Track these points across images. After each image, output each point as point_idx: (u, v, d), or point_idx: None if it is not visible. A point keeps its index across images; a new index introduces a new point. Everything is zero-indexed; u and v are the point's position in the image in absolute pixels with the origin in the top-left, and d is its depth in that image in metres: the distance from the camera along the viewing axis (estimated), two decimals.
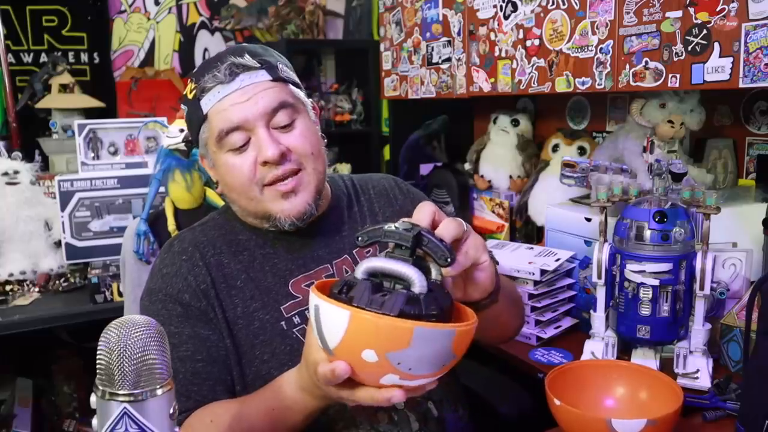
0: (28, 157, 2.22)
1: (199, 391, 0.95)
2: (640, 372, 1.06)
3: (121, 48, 3.15)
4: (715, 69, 1.29)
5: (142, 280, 1.21)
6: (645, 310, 1.18)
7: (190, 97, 1.02)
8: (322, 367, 0.72)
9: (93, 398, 0.59)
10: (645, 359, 1.20)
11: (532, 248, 1.66)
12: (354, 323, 0.67)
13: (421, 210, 0.80)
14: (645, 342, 1.20)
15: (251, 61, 0.99)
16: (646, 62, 1.43)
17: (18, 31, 2.92)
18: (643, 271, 1.16)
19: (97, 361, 0.59)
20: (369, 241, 0.74)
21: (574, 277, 1.59)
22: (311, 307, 0.72)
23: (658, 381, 1.03)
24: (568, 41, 1.62)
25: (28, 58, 2.95)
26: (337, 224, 1.11)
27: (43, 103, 2.71)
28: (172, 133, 1.62)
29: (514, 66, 1.82)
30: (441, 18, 2.13)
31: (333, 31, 3.40)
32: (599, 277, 1.23)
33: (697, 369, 1.17)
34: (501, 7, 1.84)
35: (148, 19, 3.17)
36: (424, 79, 2.26)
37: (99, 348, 0.59)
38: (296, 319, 1.02)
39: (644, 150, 1.65)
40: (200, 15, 3.27)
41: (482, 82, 1.97)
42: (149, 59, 3.19)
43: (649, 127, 1.65)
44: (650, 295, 1.16)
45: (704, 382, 1.16)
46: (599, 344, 1.26)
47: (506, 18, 1.83)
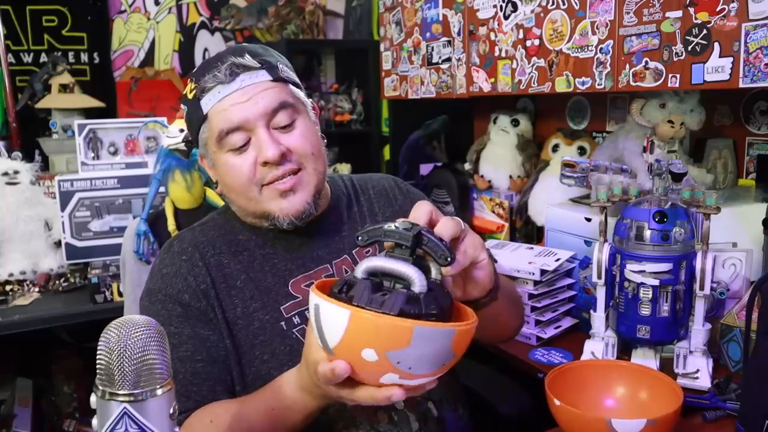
0: (28, 157, 2.22)
1: (199, 391, 0.96)
2: (640, 372, 1.06)
3: (121, 48, 3.15)
4: (715, 69, 1.29)
5: (142, 280, 1.21)
6: (645, 310, 1.18)
7: (190, 96, 1.02)
8: (322, 367, 0.72)
9: (93, 398, 0.59)
10: (645, 359, 1.20)
11: (532, 248, 1.66)
12: (354, 322, 0.67)
13: (418, 209, 0.80)
14: (645, 342, 1.20)
15: (252, 61, 0.99)
16: (646, 62, 1.43)
17: (18, 31, 2.92)
18: (643, 271, 1.16)
19: (97, 361, 0.59)
20: (369, 240, 0.75)
21: (574, 277, 1.59)
22: (311, 306, 0.72)
23: (658, 381, 1.03)
24: (568, 41, 1.62)
25: (28, 58, 2.95)
26: (337, 224, 1.11)
27: (43, 103, 2.71)
28: (172, 133, 1.62)
29: (514, 66, 1.82)
30: (441, 18, 2.13)
31: (333, 31, 3.40)
32: (599, 277, 1.23)
33: (697, 369, 1.18)
34: (501, 7, 1.84)
35: (148, 19, 3.17)
36: (424, 79, 2.26)
37: (99, 348, 0.59)
38: (296, 320, 1.02)
39: (644, 150, 1.65)
40: (200, 15, 3.27)
41: (482, 82, 1.97)
42: (149, 59, 3.19)
43: (649, 127, 1.65)
44: (650, 295, 1.16)
45: (704, 382, 1.16)
46: (599, 344, 1.26)
47: (506, 18, 1.83)
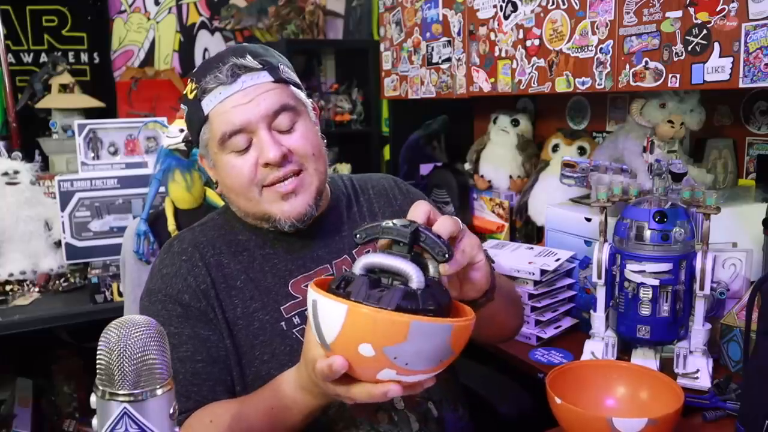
0: (28, 157, 2.22)
1: (199, 391, 0.95)
2: (640, 372, 1.06)
3: (121, 48, 3.15)
4: (715, 69, 1.29)
5: (142, 280, 1.21)
6: (645, 310, 1.18)
7: (190, 97, 1.01)
8: (320, 363, 0.72)
9: (93, 398, 0.59)
10: (645, 359, 1.20)
11: (532, 248, 1.66)
12: (351, 317, 0.67)
13: (416, 208, 0.80)
14: (645, 342, 1.20)
15: (253, 62, 0.98)
16: (646, 62, 1.43)
17: (18, 31, 2.92)
18: (643, 271, 1.16)
19: (97, 361, 0.59)
20: (367, 238, 0.75)
21: (574, 277, 1.59)
22: (309, 302, 0.72)
23: (658, 381, 1.03)
24: (568, 41, 1.62)
25: (28, 58, 2.95)
26: (337, 224, 1.11)
27: (43, 103, 2.71)
28: (172, 133, 1.62)
29: (514, 66, 1.82)
30: (441, 18, 2.13)
31: (333, 31, 3.40)
32: (599, 277, 1.23)
33: (697, 369, 1.17)
34: (501, 7, 1.84)
35: (148, 19, 3.17)
36: (424, 79, 2.26)
37: (99, 348, 0.59)
38: (296, 320, 1.02)
39: (644, 150, 1.65)
40: (200, 15, 3.27)
41: (482, 82, 1.97)
42: (149, 59, 3.19)
43: (649, 127, 1.65)
44: (650, 295, 1.16)
45: (704, 382, 1.16)
46: (599, 344, 1.26)
47: (506, 18, 1.83)
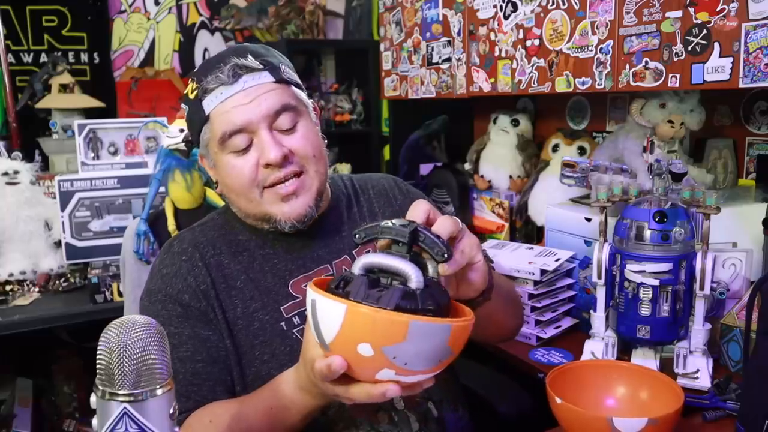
0: (28, 157, 2.22)
1: (199, 391, 0.95)
2: (640, 372, 1.06)
3: (121, 48, 3.15)
4: (715, 69, 1.29)
5: (142, 280, 1.21)
6: (645, 310, 1.17)
7: (191, 97, 1.01)
8: (318, 363, 0.72)
9: (93, 398, 0.59)
10: (645, 359, 1.20)
11: (532, 248, 1.66)
12: (350, 316, 0.67)
13: (415, 207, 0.80)
14: (645, 342, 1.20)
15: (254, 63, 0.98)
16: (646, 62, 1.43)
17: (18, 31, 2.92)
18: (643, 271, 1.16)
19: (97, 361, 0.59)
20: (366, 238, 0.75)
21: (574, 277, 1.59)
22: (308, 302, 0.72)
23: (658, 381, 1.03)
24: (568, 41, 1.62)
25: (28, 58, 2.95)
26: (337, 224, 1.11)
27: (43, 103, 2.71)
28: (172, 133, 1.61)
29: (514, 66, 1.82)
30: (441, 18, 2.13)
31: (333, 31, 3.40)
32: (599, 277, 1.23)
33: (697, 369, 1.17)
34: (501, 7, 1.84)
35: (148, 19, 3.17)
36: (424, 79, 2.26)
37: (99, 348, 0.59)
38: (296, 320, 1.02)
39: (644, 150, 1.65)
40: (200, 15, 3.27)
41: (482, 82, 1.97)
42: (149, 59, 3.19)
43: (649, 127, 1.65)
44: (650, 295, 1.16)
45: (704, 382, 1.16)
46: (599, 344, 1.26)
47: (506, 18, 1.83)
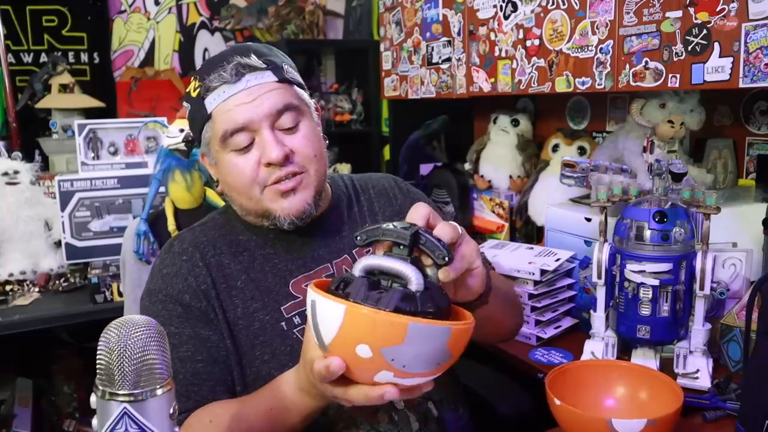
0: (28, 157, 2.22)
1: (199, 391, 0.95)
2: (640, 372, 1.06)
3: (121, 48, 3.15)
4: (715, 69, 1.29)
5: (142, 280, 1.21)
6: (645, 310, 1.18)
7: (193, 95, 1.01)
8: (318, 364, 0.72)
9: (93, 398, 0.59)
10: (645, 359, 1.20)
11: (532, 248, 1.66)
12: (349, 317, 0.67)
13: (415, 210, 0.80)
14: (645, 342, 1.20)
15: (257, 62, 0.98)
16: (646, 62, 1.43)
17: (18, 31, 2.92)
18: (643, 271, 1.16)
19: (97, 361, 0.59)
20: (367, 240, 0.75)
21: (574, 277, 1.59)
22: (308, 302, 0.72)
23: (658, 381, 1.03)
24: (568, 41, 1.62)
25: (28, 58, 2.95)
26: (337, 224, 1.11)
27: (43, 103, 2.71)
28: (172, 133, 1.61)
29: (514, 66, 1.82)
30: (441, 18, 2.13)
31: (333, 31, 3.40)
32: (599, 277, 1.23)
33: (697, 369, 1.17)
34: (501, 7, 1.84)
35: (148, 19, 3.17)
36: (424, 79, 2.26)
37: (99, 348, 0.59)
38: (296, 320, 1.02)
39: (644, 150, 1.65)
40: (200, 15, 3.27)
41: (482, 82, 1.97)
42: (149, 59, 3.19)
43: (649, 127, 1.65)
44: (650, 295, 1.16)
45: (704, 382, 1.16)
46: (599, 344, 1.26)
47: (506, 18, 1.83)
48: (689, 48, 1.34)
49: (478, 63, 1.97)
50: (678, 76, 1.37)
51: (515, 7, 1.79)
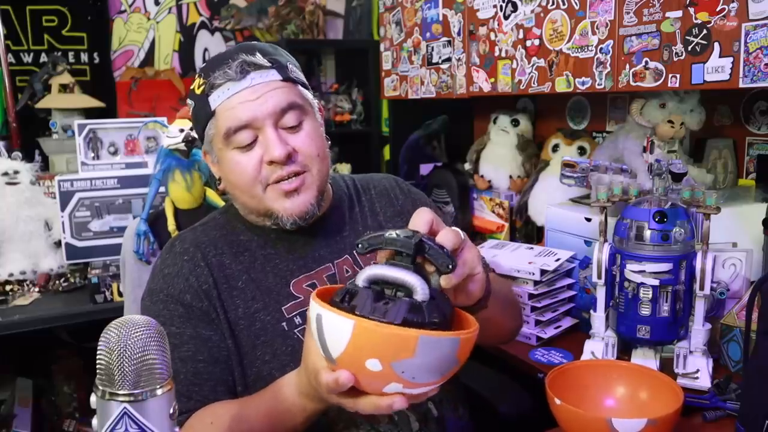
0: (28, 157, 2.22)
1: (200, 391, 0.95)
2: (640, 372, 1.06)
3: (121, 48, 3.15)
4: (715, 69, 1.29)
5: (142, 280, 1.21)
6: (645, 310, 1.18)
7: (198, 92, 1.01)
8: (325, 377, 0.72)
9: (93, 398, 0.59)
10: (645, 359, 1.20)
11: (532, 248, 1.66)
12: (358, 332, 0.66)
13: (419, 216, 0.79)
14: (645, 342, 1.20)
15: (262, 60, 0.98)
16: (646, 62, 1.43)
17: (18, 31, 2.92)
18: (643, 271, 1.16)
19: (97, 361, 0.59)
20: (369, 248, 0.74)
21: (574, 277, 1.59)
22: (312, 315, 0.71)
23: (658, 381, 1.03)
24: (568, 41, 1.62)
25: (28, 58, 2.95)
26: (339, 224, 1.11)
27: (43, 103, 2.71)
28: (172, 133, 1.61)
29: (514, 66, 1.82)
30: (441, 18, 2.13)
31: (333, 31, 3.40)
32: (599, 277, 1.23)
33: (697, 369, 1.18)
34: (501, 7, 1.84)
35: (148, 19, 3.17)
36: (424, 79, 2.26)
37: (99, 348, 0.59)
38: (297, 320, 1.02)
39: (644, 150, 1.65)
40: (200, 15, 3.27)
41: (482, 82, 1.97)
42: (149, 59, 3.19)
43: (649, 127, 1.65)
44: (650, 295, 1.16)
45: (704, 382, 1.16)
46: (599, 344, 1.26)
47: (506, 18, 1.83)
48: (689, 48, 1.34)
49: (478, 63, 1.97)
50: (678, 76, 1.37)
51: (515, 7, 1.79)
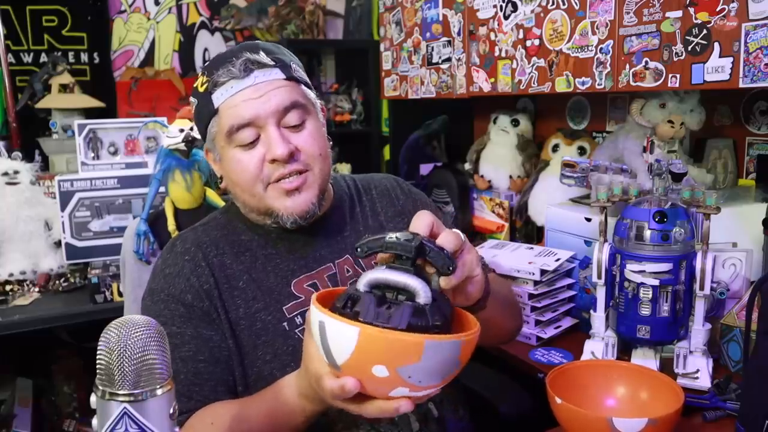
0: (28, 157, 2.22)
1: (201, 391, 0.95)
2: (640, 372, 1.06)
3: (121, 48, 3.15)
4: (715, 69, 1.29)
5: (142, 280, 1.21)
6: (645, 310, 1.18)
7: (201, 90, 1.01)
8: (330, 383, 0.72)
9: (93, 398, 0.59)
10: (645, 359, 1.20)
11: (532, 248, 1.66)
12: (363, 339, 0.66)
13: (419, 219, 0.79)
14: (645, 342, 1.20)
15: (266, 59, 0.99)
16: (646, 62, 1.43)
17: (18, 31, 2.92)
18: (643, 271, 1.16)
19: (97, 361, 0.59)
20: (369, 252, 0.74)
21: (574, 277, 1.59)
22: (314, 322, 0.71)
23: (658, 381, 1.03)
24: (568, 41, 1.62)
25: (28, 58, 2.95)
26: (340, 224, 1.11)
27: (43, 103, 2.71)
28: (172, 133, 1.61)
29: (514, 66, 1.82)
30: (441, 18, 2.13)
31: (333, 31, 3.40)
32: (599, 277, 1.23)
33: (697, 369, 1.18)
34: (501, 7, 1.84)
35: (148, 19, 3.17)
36: (424, 79, 2.26)
37: (99, 348, 0.59)
38: (298, 320, 1.02)
39: (644, 150, 1.65)
40: (200, 15, 3.27)
41: (482, 82, 1.97)
42: (149, 59, 3.19)
43: (649, 127, 1.65)
44: (650, 295, 1.16)
45: (704, 382, 1.16)
46: (599, 344, 1.26)
47: (506, 18, 1.83)
48: (689, 48, 1.34)
49: (478, 63, 1.97)
50: (678, 76, 1.37)
51: (515, 7, 1.79)
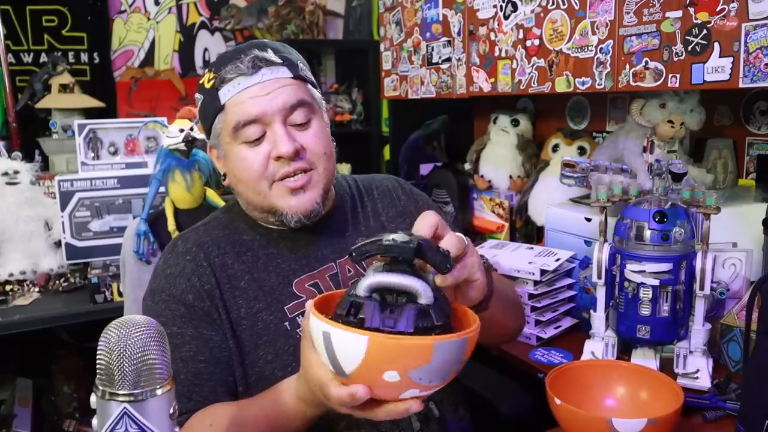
0: (28, 157, 2.22)
1: (201, 392, 0.95)
2: (640, 372, 1.06)
3: (121, 48, 3.15)
4: (715, 69, 1.29)
5: (143, 280, 1.21)
6: (645, 310, 1.18)
7: (207, 86, 1.02)
8: (337, 391, 0.71)
9: (93, 398, 0.59)
10: (645, 359, 1.20)
11: (532, 248, 1.66)
12: (373, 347, 0.66)
13: (423, 219, 0.79)
14: (645, 342, 1.20)
15: (274, 57, 0.99)
16: (646, 62, 1.43)
17: (18, 31, 2.92)
18: (643, 271, 1.16)
19: (97, 361, 0.59)
20: (365, 255, 0.73)
21: (574, 277, 1.59)
22: (316, 332, 0.70)
23: (658, 381, 1.03)
24: (568, 41, 1.62)
25: (28, 58, 2.96)
26: (342, 224, 1.11)
27: (43, 103, 2.71)
28: (172, 133, 1.61)
29: (514, 66, 1.82)
30: (441, 18, 2.13)
31: (333, 31, 3.40)
32: (599, 277, 1.23)
33: (697, 369, 1.17)
34: (501, 7, 1.84)
35: (148, 19, 3.17)
36: (424, 79, 2.26)
37: (99, 348, 0.59)
38: (300, 320, 1.02)
39: (644, 150, 1.65)
40: (200, 15, 3.27)
41: (482, 82, 1.97)
42: (149, 59, 3.19)
43: (649, 127, 1.65)
44: (650, 295, 1.16)
45: (704, 382, 1.16)
46: (599, 344, 1.26)
47: (506, 18, 1.83)
48: (689, 48, 1.34)
49: (478, 63, 1.97)
50: (678, 76, 1.37)
51: (515, 7, 1.79)
